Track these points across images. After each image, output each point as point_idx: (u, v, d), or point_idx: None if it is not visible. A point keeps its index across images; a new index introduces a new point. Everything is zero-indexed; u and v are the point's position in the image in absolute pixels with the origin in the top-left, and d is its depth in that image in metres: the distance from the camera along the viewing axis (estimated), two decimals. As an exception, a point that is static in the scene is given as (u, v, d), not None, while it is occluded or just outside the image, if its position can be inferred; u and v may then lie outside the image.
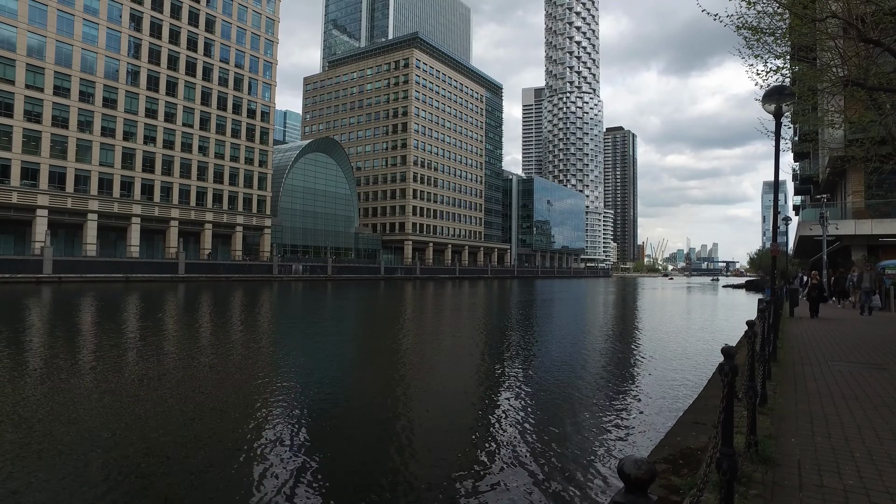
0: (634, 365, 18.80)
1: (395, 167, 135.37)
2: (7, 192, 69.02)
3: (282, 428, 10.79)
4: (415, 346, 23.19)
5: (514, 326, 31.59)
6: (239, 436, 10.21)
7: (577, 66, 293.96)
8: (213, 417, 11.51)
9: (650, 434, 10.38)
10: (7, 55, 69.40)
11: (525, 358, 20.20)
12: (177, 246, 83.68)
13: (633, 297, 71.01)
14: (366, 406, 13.08)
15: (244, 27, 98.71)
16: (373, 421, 11.60)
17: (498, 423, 11.39)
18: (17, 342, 21.65)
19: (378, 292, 67.02)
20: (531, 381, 15.83)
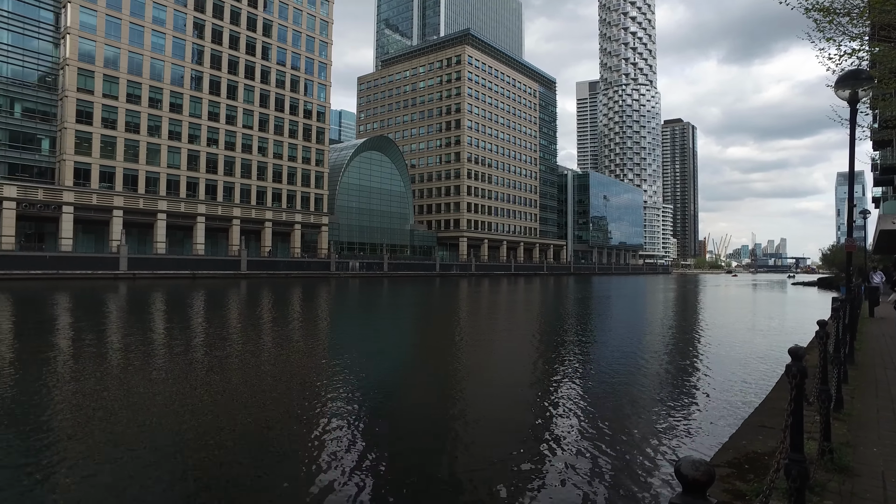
0: (696, 364, 18.10)
1: (449, 164, 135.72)
2: (88, 194, 73.57)
3: (339, 421, 10.93)
4: (471, 343, 23.14)
5: (571, 324, 31.06)
6: (298, 431, 10.41)
7: (633, 58, 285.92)
8: (275, 411, 11.82)
9: (713, 436, 9.96)
10: (87, 67, 73.90)
11: (583, 355, 19.80)
12: (239, 244, 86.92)
13: (695, 294, 68.53)
14: (424, 402, 13.09)
15: (299, 30, 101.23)
16: (431, 418, 11.61)
17: (556, 421, 11.20)
18: (119, 335, 23.00)
19: (433, 289, 67.40)
20: (590, 378, 15.49)
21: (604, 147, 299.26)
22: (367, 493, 7.69)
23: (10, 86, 70.12)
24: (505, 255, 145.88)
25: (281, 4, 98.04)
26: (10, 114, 70.10)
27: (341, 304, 43.25)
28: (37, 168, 72.00)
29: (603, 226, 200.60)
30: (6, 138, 69.69)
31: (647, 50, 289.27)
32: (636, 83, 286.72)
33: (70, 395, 12.86)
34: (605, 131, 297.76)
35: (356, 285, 71.21)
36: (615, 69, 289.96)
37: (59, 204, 71.62)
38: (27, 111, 71.50)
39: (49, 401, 12.48)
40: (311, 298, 46.85)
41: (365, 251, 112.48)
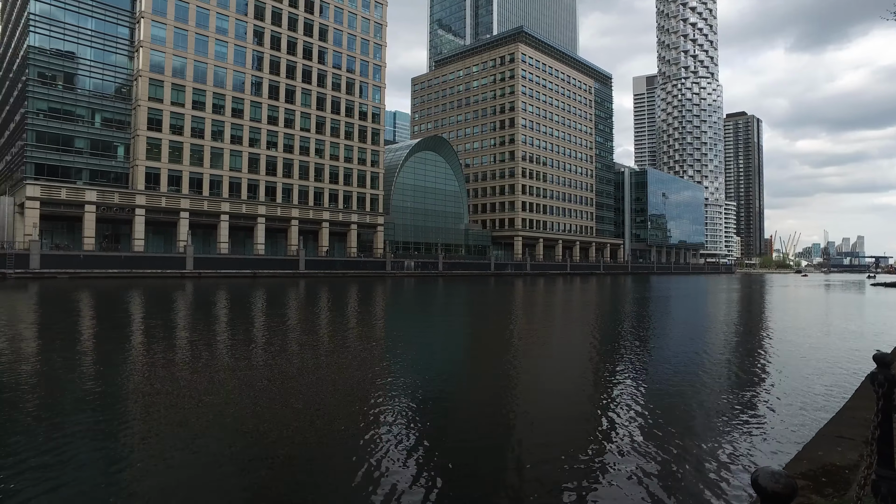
0: (766, 368, 17.21)
1: (504, 163, 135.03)
2: (157, 197, 77.48)
3: (395, 420, 10.99)
4: (528, 342, 22.88)
5: (631, 324, 30.25)
6: (356, 427, 10.52)
7: (693, 50, 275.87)
8: (333, 407, 12.04)
9: (785, 445, 9.42)
10: (157, 77, 77.88)
11: (645, 357, 19.22)
12: (297, 244, 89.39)
13: (761, 294, 65.40)
14: (480, 403, 12.99)
15: (354, 33, 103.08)
16: (487, 418, 11.49)
17: (619, 425, 10.86)
18: (199, 330, 24.15)
19: (489, 288, 67.18)
20: (652, 381, 14.98)
21: (662, 143, 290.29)
22: (419, 492, 7.68)
23: (91, 98, 74.99)
24: (560, 255, 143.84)
25: (336, 9, 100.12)
26: (91, 124, 74.87)
27: (398, 304, 43.70)
28: (113, 173, 76.42)
29: (662, 224, 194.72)
30: (88, 147, 74.42)
31: (707, 41, 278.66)
32: (696, 76, 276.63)
33: (163, 384, 13.51)
34: (664, 127, 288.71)
35: (411, 284, 71.84)
36: (674, 62, 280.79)
37: (132, 207, 75.78)
38: (105, 121, 76.06)
39: (138, 390, 13.17)
40: (369, 297, 47.57)
41: (420, 251, 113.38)
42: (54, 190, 70.36)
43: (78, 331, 24.83)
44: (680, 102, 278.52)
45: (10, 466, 8.68)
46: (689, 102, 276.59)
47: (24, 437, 10.06)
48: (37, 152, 70.46)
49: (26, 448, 9.49)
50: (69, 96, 73.64)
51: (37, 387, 14.11)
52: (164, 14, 78.89)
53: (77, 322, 27.85)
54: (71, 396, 13.12)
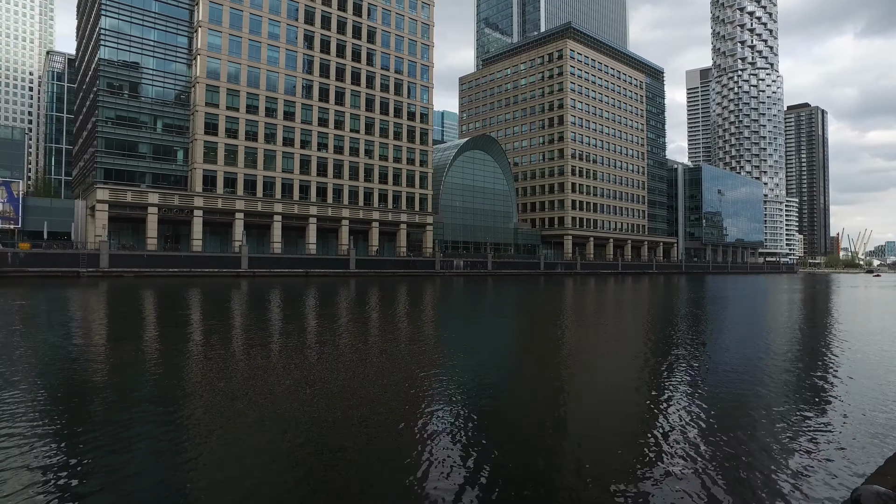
0: (836, 375, 16.04)
1: (553, 161, 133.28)
2: (214, 198, 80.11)
3: (445, 419, 10.83)
4: (580, 344, 22.25)
5: (687, 324, 29.08)
6: (404, 424, 10.42)
7: (751, 40, 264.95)
8: (385, 403, 11.97)
9: (862, 456, 8.72)
10: (213, 83, 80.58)
11: (703, 359, 18.32)
12: (348, 243, 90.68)
13: (827, 295, 61.76)
14: (529, 404, 12.62)
15: (401, 34, 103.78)
16: (536, 420, 11.16)
17: (679, 432, 10.28)
18: (261, 327, 24.73)
19: (538, 287, 66.29)
20: (713, 385, 14.20)
21: (717, 138, 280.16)
22: (467, 488, 7.53)
23: (154, 105, 78.46)
24: (611, 254, 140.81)
25: (384, 11, 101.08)
26: (153, 130, 78.27)
27: (448, 303, 43.56)
28: (173, 176, 79.49)
29: (717, 222, 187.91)
30: (150, 151, 77.76)
31: (766, 30, 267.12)
32: (754, 67, 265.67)
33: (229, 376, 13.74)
34: (719, 121, 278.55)
35: (460, 284, 71.64)
36: (730, 54, 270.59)
37: (190, 208, 78.61)
38: (166, 126, 79.30)
39: (208, 385, 13.44)
40: (419, 296, 47.64)
41: (469, 250, 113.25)
42: (121, 193, 73.75)
43: (149, 327, 25.79)
44: (737, 95, 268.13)
45: (83, 453, 8.89)
46: (746, 95, 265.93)
47: (95, 427, 10.33)
48: (106, 158, 74.09)
49: (97, 437, 9.74)
50: (134, 104, 77.15)
51: (108, 378, 14.60)
52: (219, 22, 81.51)
53: (148, 318, 28.98)
54: (139, 387, 13.49)
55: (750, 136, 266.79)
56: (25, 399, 12.29)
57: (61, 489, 7.52)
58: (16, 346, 19.35)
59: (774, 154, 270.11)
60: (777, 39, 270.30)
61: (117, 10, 75.81)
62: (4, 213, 71.91)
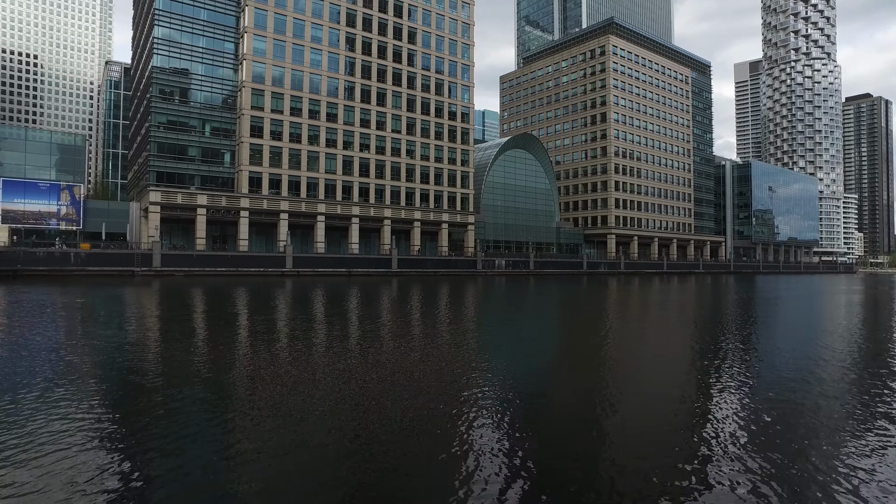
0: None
1: (596, 159, 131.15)
2: (259, 199, 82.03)
3: (486, 422, 10.62)
4: (625, 345, 21.64)
5: (736, 326, 27.97)
6: (446, 427, 10.24)
7: (806, 29, 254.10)
8: (426, 406, 11.90)
9: None
10: (258, 87, 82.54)
11: (755, 364, 17.50)
12: (390, 243, 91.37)
13: (889, 297, 58.24)
14: (574, 406, 12.28)
15: (442, 34, 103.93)
16: (581, 422, 10.81)
17: (726, 437, 9.73)
18: (309, 325, 25.15)
19: (581, 287, 65.26)
20: (763, 395, 13.48)
21: (768, 133, 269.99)
22: (508, 491, 7.41)
23: (202, 110, 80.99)
24: (656, 253, 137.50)
25: (424, 11, 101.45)
26: (202, 133, 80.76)
27: (491, 302, 43.28)
28: (220, 178, 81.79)
29: (768, 220, 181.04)
30: (199, 154, 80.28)
31: (823, 18, 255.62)
32: (809, 58, 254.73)
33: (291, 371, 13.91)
34: (770, 115, 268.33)
35: (502, 283, 71.17)
36: (782, 44, 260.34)
37: (237, 209, 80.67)
38: (214, 130, 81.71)
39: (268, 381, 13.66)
40: (461, 296, 47.50)
41: (510, 249, 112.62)
42: (171, 195, 76.33)
43: (203, 323, 26.53)
44: (789, 88, 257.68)
45: (137, 444, 9.09)
46: (800, 87, 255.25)
47: (150, 418, 10.59)
48: (158, 161, 76.86)
49: (151, 426, 9.97)
50: (184, 109, 79.82)
51: (163, 371, 15.01)
52: (264, 28, 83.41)
53: (203, 316, 29.83)
54: (194, 382, 13.80)
55: (804, 130, 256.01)
56: (86, 391, 12.74)
57: (123, 478, 7.67)
58: (79, 341, 20.17)
59: (831, 148, 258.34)
60: (835, 27, 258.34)
61: (169, 20, 78.53)
62: (68, 215, 75.42)
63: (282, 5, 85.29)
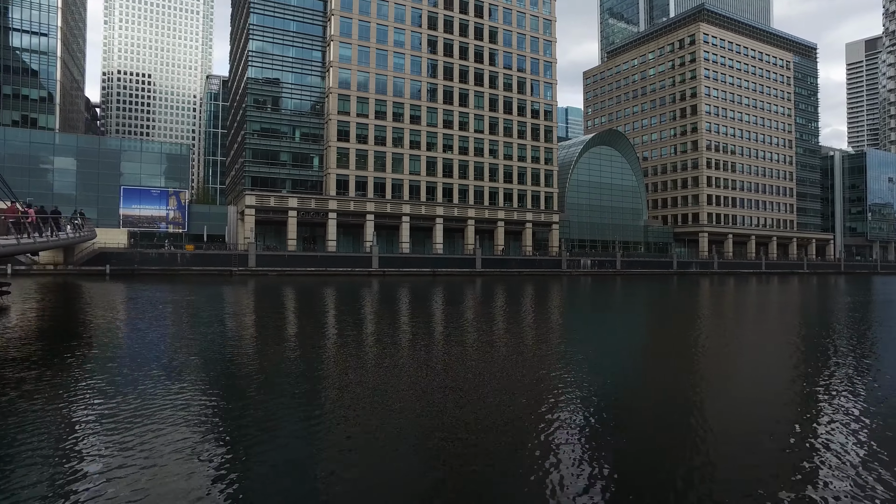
0: None
1: (686, 154, 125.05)
2: (346, 201, 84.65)
3: (570, 424, 10.36)
4: (716, 351, 20.14)
5: (847, 334, 25.40)
6: (531, 428, 10.06)
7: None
8: (510, 404, 11.70)
9: None
10: (344, 92, 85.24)
11: (867, 377, 15.66)
12: (473, 243, 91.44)
13: None
14: (661, 412, 11.68)
15: (523, 32, 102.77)
16: (668, 428, 10.22)
17: (838, 469, 8.62)
18: (397, 324, 25.65)
19: (671, 287, 62.33)
20: (877, 412, 11.95)
21: (888, 118, 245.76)
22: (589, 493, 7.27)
23: (292, 116, 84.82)
24: (754, 252, 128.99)
25: (504, 10, 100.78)
26: (292, 139, 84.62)
27: (577, 302, 42.16)
28: (310, 181, 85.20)
29: (887, 215, 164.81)
30: (290, 159, 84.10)
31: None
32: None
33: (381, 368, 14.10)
34: (891, 98, 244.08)
35: (588, 283, 69.31)
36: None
37: (325, 211, 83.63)
38: (304, 135, 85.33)
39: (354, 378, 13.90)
40: (547, 296, 46.59)
41: (596, 248, 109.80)
42: (265, 198, 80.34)
43: (301, 320, 27.57)
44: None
45: (230, 435, 9.39)
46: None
47: (243, 414, 10.93)
48: (252, 167, 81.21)
49: (245, 423, 10.27)
50: (275, 117, 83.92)
51: (260, 366, 15.58)
52: (349, 35, 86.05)
53: (300, 313, 31.09)
54: (293, 378, 14.21)
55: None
56: (199, 380, 13.41)
57: (223, 469, 7.98)
58: (194, 335, 21.46)
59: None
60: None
61: (262, 33, 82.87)
62: (175, 219, 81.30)
63: (365, 12, 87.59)
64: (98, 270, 62.58)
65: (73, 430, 9.62)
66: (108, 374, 13.81)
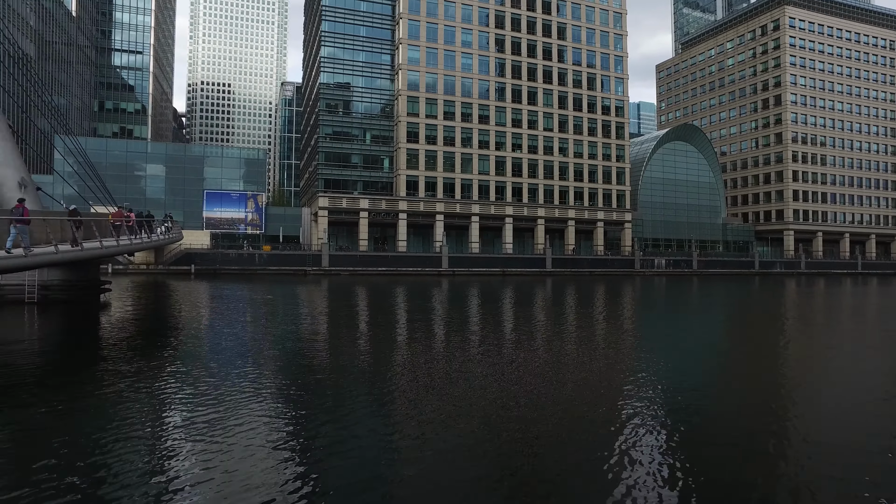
0: None
1: (768, 147, 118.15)
2: (416, 202, 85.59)
3: (645, 426, 10.12)
4: (802, 359, 18.71)
5: None
6: (605, 431, 9.91)
7: None
8: (584, 408, 11.48)
9: None
10: (413, 94, 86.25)
11: None
12: (543, 242, 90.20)
13: None
14: (734, 419, 11.05)
15: (593, 27, 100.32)
16: (748, 439, 9.62)
17: None
18: (472, 323, 25.74)
19: (752, 288, 58.99)
20: None
21: None
22: None
23: (363, 119, 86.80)
24: (847, 251, 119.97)
25: (573, 5, 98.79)
26: (363, 142, 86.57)
27: (651, 304, 40.65)
28: (380, 183, 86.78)
29: None
30: (361, 161, 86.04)
31: None
32: None
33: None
34: None
35: (662, 283, 66.80)
36: None
37: (396, 212, 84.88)
38: (374, 138, 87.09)
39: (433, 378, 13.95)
40: (620, 296, 45.22)
41: (671, 248, 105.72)
42: (337, 200, 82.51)
43: (377, 319, 28.07)
44: None
45: (307, 430, 9.54)
46: None
47: (319, 409, 11.14)
48: (325, 169, 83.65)
49: (320, 417, 10.44)
50: (347, 120, 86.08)
51: (334, 363, 15.86)
52: (417, 38, 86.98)
53: (377, 312, 31.71)
54: (361, 372, 14.36)
55: None
56: (276, 378, 13.82)
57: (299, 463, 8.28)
58: (274, 331, 22.25)
59: None
60: None
61: (333, 40, 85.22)
62: (253, 220, 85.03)
63: (433, 14, 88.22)
64: (184, 270, 66.31)
65: (173, 410, 10.25)
66: (206, 367, 14.48)
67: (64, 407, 10.99)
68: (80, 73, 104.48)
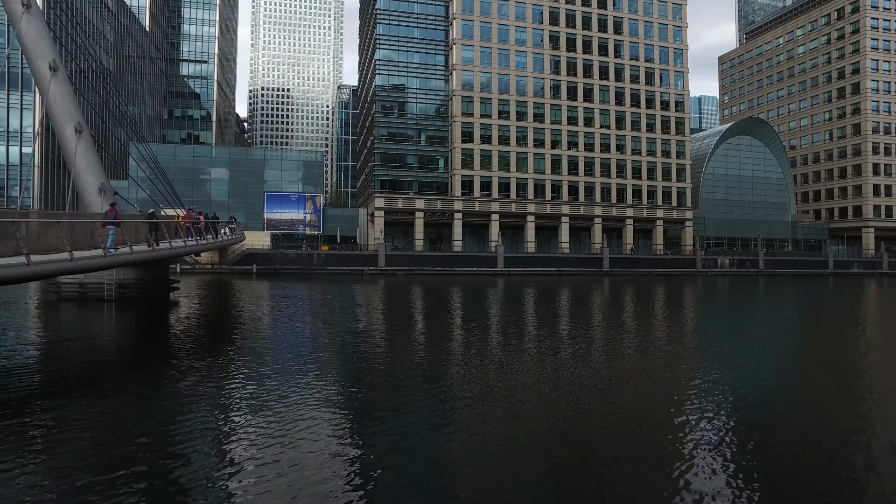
0: None
1: (844, 139, 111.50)
2: (471, 202, 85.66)
3: (706, 431, 9.96)
4: (882, 367, 17.42)
5: None
6: (664, 435, 9.80)
7: None
8: (642, 411, 11.33)
9: None
10: (467, 94, 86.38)
11: None
12: (601, 241, 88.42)
13: None
14: (803, 425, 10.62)
15: (650, 20, 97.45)
16: (818, 451, 9.28)
17: None
18: (528, 326, 25.64)
19: (827, 289, 55.79)
20: None
21: None
22: None
23: (418, 120, 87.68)
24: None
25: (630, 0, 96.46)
26: (418, 143, 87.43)
27: (716, 306, 39.15)
28: (435, 183, 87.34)
29: None
30: (416, 162, 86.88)
31: None
32: None
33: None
34: None
35: (726, 284, 64.22)
36: None
37: (451, 212, 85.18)
38: (429, 138, 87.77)
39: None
40: (682, 297, 43.76)
41: (735, 247, 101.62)
42: (393, 200, 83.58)
43: (436, 319, 28.26)
44: None
45: (368, 426, 9.68)
46: None
47: (377, 406, 11.27)
48: (381, 170, 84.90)
49: (381, 416, 10.54)
50: (402, 121, 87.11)
51: (392, 362, 16.02)
52: (470, 37, 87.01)
53: (435, 313, 31.96)
54: (421, 369, 14.44)
55: None
56: (344, 371, 14.07)
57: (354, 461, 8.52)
58: (333, 330, 22.74)
59: None
60: None
61: (388, 42, 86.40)
62: (311, 221, 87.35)
63: (486, 13, 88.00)
64: (246, 270, 68.76)
65: (236, 407, 10.62)
66: (270, 364, 14.96)
67: (143, 397, 11.65)
68: (152, 83, 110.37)
